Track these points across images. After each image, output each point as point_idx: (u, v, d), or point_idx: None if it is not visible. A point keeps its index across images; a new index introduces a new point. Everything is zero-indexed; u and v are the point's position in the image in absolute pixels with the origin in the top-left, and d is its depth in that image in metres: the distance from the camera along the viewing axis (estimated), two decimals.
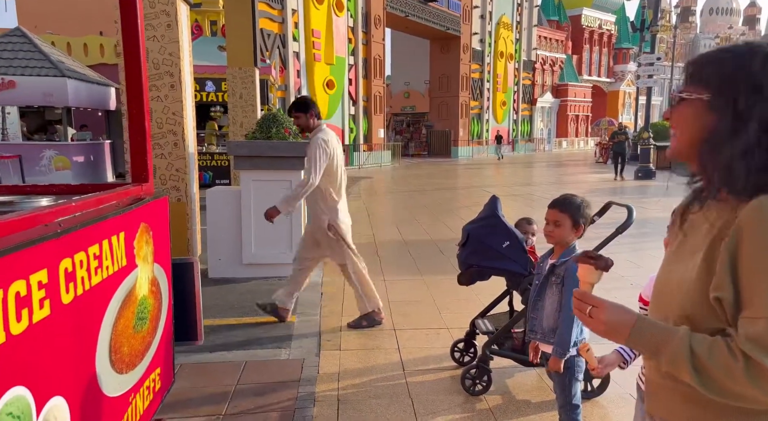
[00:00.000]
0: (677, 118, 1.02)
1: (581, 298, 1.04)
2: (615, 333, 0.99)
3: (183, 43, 5.32)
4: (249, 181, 5.27)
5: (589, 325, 1.04)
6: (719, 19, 67.63)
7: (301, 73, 19.96)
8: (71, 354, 1.52)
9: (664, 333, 0.95)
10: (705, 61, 1.00)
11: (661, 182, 14.15)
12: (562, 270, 2.14)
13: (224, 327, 4.00)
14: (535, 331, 2.23)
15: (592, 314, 1.01)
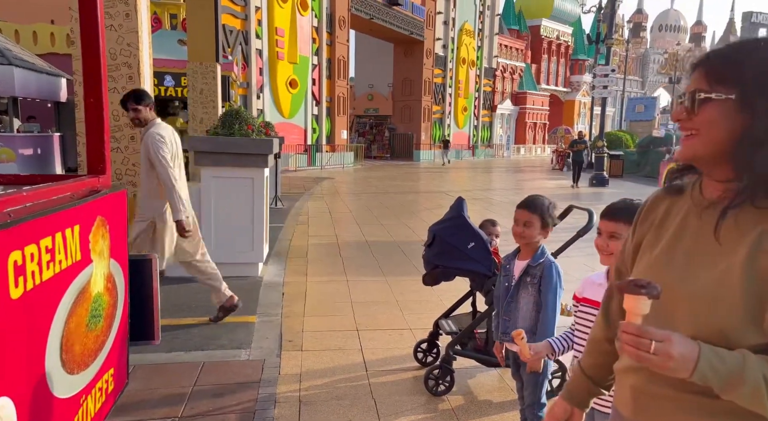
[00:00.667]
0: (700, 119, 0.95)
1: (639, 333, 0.89)
2: (682, 368, 0.87)
3: (142, 35, 5.14)
4: (210, 178, 5.13)
5: (650, 363, 0.89)
6: (668, 36, 70.78)
7: (264, 70, 19.67)
8: (19, 353, 1.43)
9: (732, 363, 0.86)
10: (729, 57, 0.94)
11: (615, 189, 14.65)
12: (538, 270, 2.17)
13: (182, 327, 3.88)
14: (508, 333, 2.24)
15: (659, 350, 0.87)
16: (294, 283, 5.18)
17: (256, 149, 5.08)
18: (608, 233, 1.67)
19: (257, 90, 19.32)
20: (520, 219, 2.19)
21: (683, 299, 0.95)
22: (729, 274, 0.90)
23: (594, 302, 1.74)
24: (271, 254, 6.21)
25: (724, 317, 0.89)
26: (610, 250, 1.66)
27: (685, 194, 1.05)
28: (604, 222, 1.69)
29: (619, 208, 1.67)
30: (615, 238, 1.65)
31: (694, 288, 0.94)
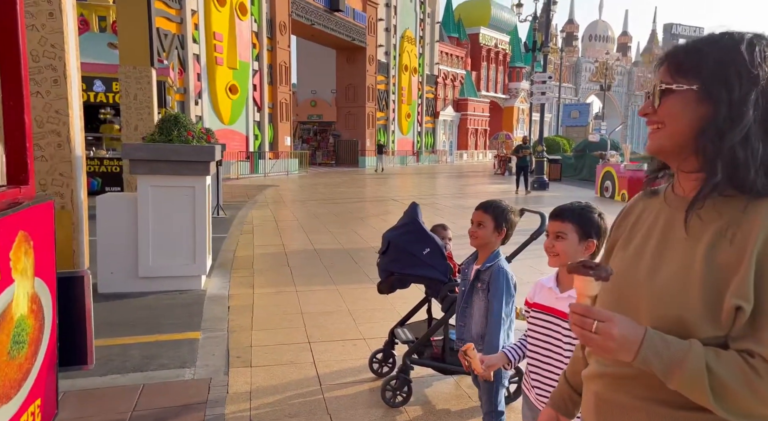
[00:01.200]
0: (664, 111, 0.95)
1: (584, 313, 0.90)
2: (623, 350, 0.87)
3: (68, 36, 4.80)
4: (147, 187, 4.86)
5: (592, 343, 0.90)
6: (597, 45, 74.46)
7: (202, 76, 19.08)
8: None
9: (676, 348, 0.85)
10: (691, 50, 0.95)
11: (555, 192, 15.15)
12: (487, 275, 2.13)
13: (117, 348, 3.61)
14: (464, 339, 2.20)
15: (600, 329, 0.88)
16: (240, 295, 4.98)
17: (196, 157, 4.86)
18: (554, 233, 1.66)
19: (195, 96, 18.71)
20: (474, 219, 2.17)
21: (646, 293, 0.94)
22: (690, 265, 0.90)
23: (545, 307, 1.71)
24: (215, 265, 5.96)
25: (682, 309, 0.89)
26: (556, 251, 1.64)
27: (659, 196, 1.05)
28: (551, 222, 1.69)
29: (565, 208, 1.67)
30: (561, 238, 1.64)
31: (656, 281, 0.94)
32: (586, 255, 1.64)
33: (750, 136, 0.89)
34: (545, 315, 1.71)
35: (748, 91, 0.89)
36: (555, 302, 1.67)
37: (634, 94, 69.93)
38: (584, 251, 1.64)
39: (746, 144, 0.88)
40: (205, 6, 19.00)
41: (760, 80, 0.89)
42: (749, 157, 0.88)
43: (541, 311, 1.72)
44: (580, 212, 1.67)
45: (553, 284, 1.70)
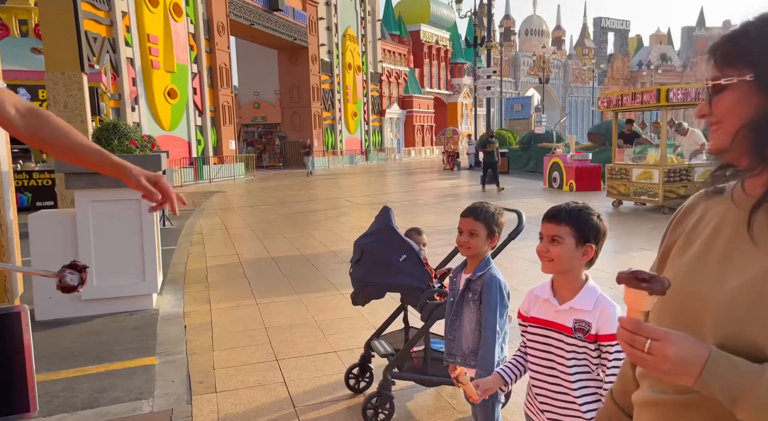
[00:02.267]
0: (718, 109, 0.86)
1: (635, 330, 0.81)
2: (683, 373, 0.77)
3: None
4: (86, 203, 4.46)
5: (645, 364, 0.80)
6: (533, 40, 76.77)
7: (138, 80, 18.21)
8: None
9: (747, 373, 0.75)
10: (736, 36, 0.85)
11: (505, 185, 15.35)
12: (478, 285, 1.99)
13: (62, 382, 3.26)
14: (454, 354, 2.06)
15: (654, 349, 0.78)
16: (196, 312, 4.66)
17: (142, 166, 4.49)
18: (549, 236, 1.51)
19: (131, 101, 17.84)
20: (465, 228, 1.99)
21: (712, 307, 0.83)
22: (764, 274, 0.79)
23: (544, 322, 1.56)
24: (165, 281, 5.59)
25: (754, 325, 0.77)
26: (551, 255, 1.50)
27: (725, 195, 0.92)
28: (545, 224, 1.53)
29: (560, 209, 1.54)
30: (557, 242, 1.50)
31: (722, 294, 0.82)
32: (584, 261, 1.51)
33: None
34: (544, 330, 1.55)
35: None
36: (555, 315, 1.52)
37: (570, 86, 72.48)
38: (582, 257, 1.50)
39: None
40: (137, 7, 18.12)
41: None
42: None
43: (540, 326, 1.56)
44: (578, 213, 1.51)
45: (549, 294, 1.55)
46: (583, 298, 1.49)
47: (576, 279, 1.52)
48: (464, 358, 2.02)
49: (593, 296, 1.49)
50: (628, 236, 7.81)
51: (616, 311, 1.46)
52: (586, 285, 1.51)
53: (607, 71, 75.58)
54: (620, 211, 10.61)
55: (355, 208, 12.20)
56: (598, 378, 1.50)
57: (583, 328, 1.47)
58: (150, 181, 1.45)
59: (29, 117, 1.44)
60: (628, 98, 10.56)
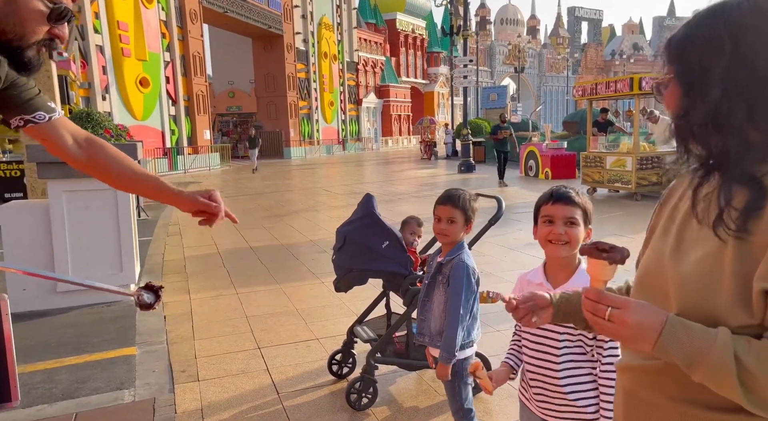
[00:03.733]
0: (665, 102, 0.93)
1: (597, 298, 0.85)
2: (641, 338, 0.82)
3: None
4: (60, 193, 4.38)
5: (607, 331, 0.85)
6: (509, 29, 77.10)
7: (108, 69, 17.76)
8: None
9: (701, 337, 0.79)
10: (669, 40, 0.92)
11: (483, 174, 15.51)
12: (448, 268, 2.03)
13: (40, 374, 3.22)
14: (424, 334, 2.12)
15: (614, 316, 0.83)
16: (175, 303, 4.63)
17: None
18: (566, 218, 1.47)
19: (102, 90, 17.41)
20: (444, 215, 2.01)
21: (673, 280, 0.89)
22: (717, 253, 0.84)
23: None
24: (143, 272, 5.53)
25: (710, 296, 0.83)
26: (568, 238, 1.46)
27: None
28: (559, 207, 1.48)
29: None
30: (573, 224, 1.47)
31: (682, 268, 0.87)
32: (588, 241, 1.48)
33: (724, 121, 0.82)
34: None
35: (710, 64, 0.84)
36: None
37: (545, 76, 73.14)
38: (585, 239, 1.50)
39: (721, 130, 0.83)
40: None
41: (725, 51, 0.82)
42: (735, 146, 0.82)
43: None
44: (581, 196, 1.54)
45: (543, 278, 1.54)
46: (577, 281, 1.48)
47: (574, 261, 1.52)
48: (431, 338, 2.08)
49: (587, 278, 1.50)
50: (601, 222, 7.99)
51: None
52: (579, 268, 1.51)
53: (581, 60, 76.49)
54: (594, 198, 10.82)
55: (333, 197, 12.19)
56: (592, 360, 1.47)
57: None
58: (204, 197, 1.46)
59: (86, 146, 1.45)
60: (602, 87, 10.74)
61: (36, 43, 1.22)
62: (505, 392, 2.82)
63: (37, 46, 1.23)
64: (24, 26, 1.18)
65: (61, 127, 1.43)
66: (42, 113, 1.39)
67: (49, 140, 1.43)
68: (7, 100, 1.36)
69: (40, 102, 1.40)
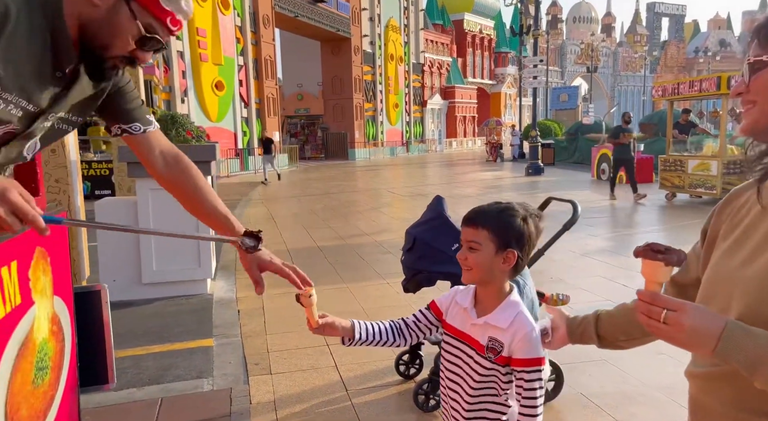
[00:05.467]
0: (755, 86, 0.86)
1: (652, 300, 0.83)
2: (699, 343, 0.80)
3: None
4: (146, 191, 4.69)
5: (662, 334, 0.82)
6: (581, 27, 74.59)
7: (187, 73, 18.76)
8: None
9: (764, 342, 0.76)
10: (766, 18, 0.86)
11: (551, 177, 15.11)
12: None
13: (129, 359, 3.47)
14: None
15: (670, 319, 0.80)
16: (248, 298, 4.84)
17: (197, 157, 4.63)
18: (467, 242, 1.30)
19: (181, 94, 18.41)
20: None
21: (738, 286, 0.86)
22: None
23: (458, 332, 1.37)
24: (218, 267, 5.81)
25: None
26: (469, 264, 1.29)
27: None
28: (463, 229, 1.32)
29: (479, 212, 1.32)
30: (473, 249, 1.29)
31: (747, 274, 0.85)
32: (505, 269, 1.29)
33: None
34: (457, 341, 1.37)
35: None
36: (470, 328, 1.34)
37: (620, 75, 70.10)
38: (502, 264, 1.28)
39: None
40: None
41: None
42: None
43: (454, 336, 1.38)
44: (498, 215, 1.30)
45: (470, 304, 1.35)
46: (499, 313, 1.30)
47: (498, 290, 1.33)
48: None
49: (512, 312, 1.29)
50: (681, 230, 7.58)
51: (534, 333, 1.27)
52: (507, 299, 1.32)
53: (660, 59, 72.67)
54: (674, 204, 10.27)
55: (397, 199, 12.27)
56: (504, 403, 1.32)
57: (495, 347, 1.28)
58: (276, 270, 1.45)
59: (172, 164, 1.51)
60: (685, 86, 10.19)
61: (117, 58, 1.26)
62: (573, 403, 2.75)
63: (116, 60, 1.26)
64: (114, 39, 1.22)
65: (153, 141, 1.50)
66: (138, 125, 1.47)
67: (139, 151, 1.50)
68: (110, 106, 1.43)
69: (139, 114, 1.47)
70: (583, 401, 2.79)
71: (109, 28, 1.20)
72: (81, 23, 1.19)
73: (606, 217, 8.83)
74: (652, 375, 3.08)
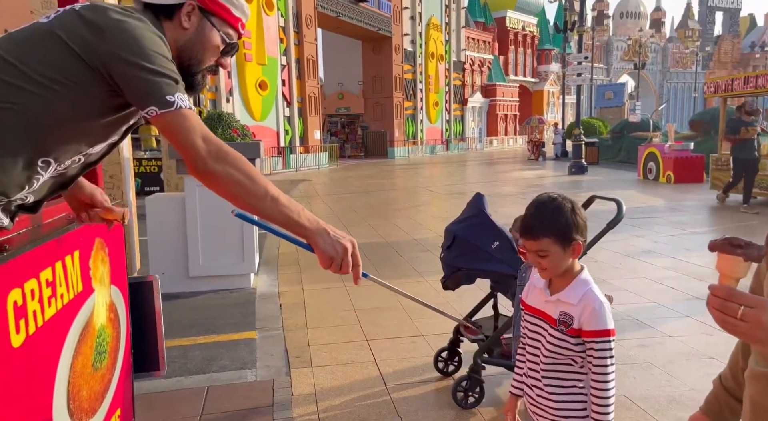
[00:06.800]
0: None
1: (727, 296, 0.80)
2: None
3: None
4: (194, 187, 4.85)
5: (739, 331, 0.80)
6: (629, 23, 72.24)
7: (232, 73, 19.22)
8: (22, 413, 1.19)
9: None
10: None
11: (595, 176, 14.74)
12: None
13: (177, 349, 3.61)
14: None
15: (748, 316, 0.78)
16: (290, 292, 4.95)
17: (243, 154, 4.81)
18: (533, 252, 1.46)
19: (227, 93, 18.87)
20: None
21: None
22: None
23: (534, 310, 1.55)
24: (260, 263, 5.95)
25: None
26: (543, 266, 1.45)
27: None
28: (525, 241, 1.48)
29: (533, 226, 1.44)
30: (542, 255, 1.45)
31: None
32: (575, 257, 1.46)
33: None
34: (534, 318, 1.55)
35: None
36: (544, 304, 1.52)
37: (669, 72, 67.63)
38: (573, 255, 1.45)
39: None
40: None
41: None
42: None
43: (532, 314, 1.57)
44: (551, 219, 1.42)
45: (544, 284, 1.54)
46: (570, 291, 1.46)
47: (569, 272, 1.49)
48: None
49: (582, 289, 1.45)
50: (733, 232, 7.27)
51: (602, 308, 1.43)
52: (577, 278, 1.48)
53: (713, 54, 69.66)
54: (727, 205, 9.86)
55: (435, 197, 12.24)
56: (580, 372, 1.47)
57: (566, 321, 1.45)
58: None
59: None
60: (739, 82, 9.76)
61: (205, 69, 1.44)
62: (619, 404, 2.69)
63: (204, 72, 1.44)
64: (206, 53, 1.40)
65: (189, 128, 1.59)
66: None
67: None
68: None
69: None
70: (627, 404, 2.74)
71: (200, 44, 1.38)
72: (177, 47, 1.35)
73: (652, 217, 8.57)
74: (701, 379, 2.99)
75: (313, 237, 1.31)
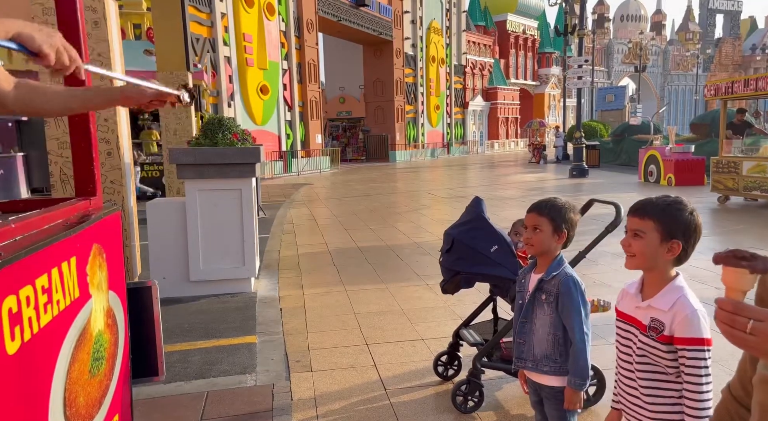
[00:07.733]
0: None
1: (735, 310, 0.79)
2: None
3: (113, 44, 4.85)
4: (194, 192, 4.86)
5: (748, 345, 0.79)
6: (630, 26, 72.30)
7: (234, 78, 19.26)
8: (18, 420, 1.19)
9: None
10: None
11: (595, 179, 14.73)
12: (553, 285, 1.86)
13: (177, 354, 3.61)
14: (524, 358, 1.96)
15: (757, 330, 0.77)
16: (290, 297, 4.94)
17: (243, 159, 4.83)
18: (632, 230, 1.46)
19: (228, 98, 18.91)
20: (529, 224, 1.90)
21: None
22: None
23: (626, 316, 1.55)
24: (261, 267, 5.96)
25: None
26: (632, 250, 1.45)
27: None
28: (629, 218, 1.48)
29: (647, 203, 1.46)
30: (639, 236, 1.44)
31: None
32: (669, 258, 1.44)
33: None
34: (626, 324, 1.55)
35: None
36: (635, 311, 1.51)
37: (670, 74, 67.62)
38: (667, 254, 1.43)
39: None
40: (234, 8, 19.14)
41: None
42: None
43: (623, 321, 1.56)
44: (665, 207, 1.44)
45: (636, 290, 1.52)
46: (662, 297, 1.44)
47: (661, 277, 1.46)
48: (536, 363, 1.93)
49: (674, 296, 1.43)
50: (735, 234, 7.26)
51: (696, 316, 1.39)
52: (670, 283, 1.45)
53: (714, 57, 69.64)
54: (727, 207, 9.85)
55: (436, 201, 12.24)
56: (675, 381, 1.44)
57: (656, 327, 1.42)
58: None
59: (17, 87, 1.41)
60: (740, 85, 9.75)
61: None
62: None
63: None
64: None
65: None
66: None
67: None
68: None
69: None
70: None
71: None
72: None
73: None
74: None
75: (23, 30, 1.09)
